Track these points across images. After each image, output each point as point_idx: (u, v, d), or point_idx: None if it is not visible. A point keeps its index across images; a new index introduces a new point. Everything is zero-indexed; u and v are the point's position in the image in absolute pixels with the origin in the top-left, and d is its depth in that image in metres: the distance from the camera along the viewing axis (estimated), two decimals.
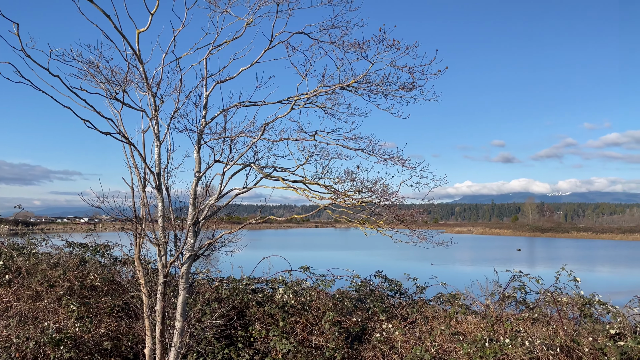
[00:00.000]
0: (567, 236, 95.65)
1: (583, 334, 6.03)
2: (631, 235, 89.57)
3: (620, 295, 6.94)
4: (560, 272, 7.54)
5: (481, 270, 7.89)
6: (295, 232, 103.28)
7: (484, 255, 46.22)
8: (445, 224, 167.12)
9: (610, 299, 7.01)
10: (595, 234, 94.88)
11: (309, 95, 5.23)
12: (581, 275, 23.89)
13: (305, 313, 7.56)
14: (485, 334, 6.59)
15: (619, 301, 7.00)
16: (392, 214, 5.83)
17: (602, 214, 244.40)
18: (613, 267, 37.89)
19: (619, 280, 29.27)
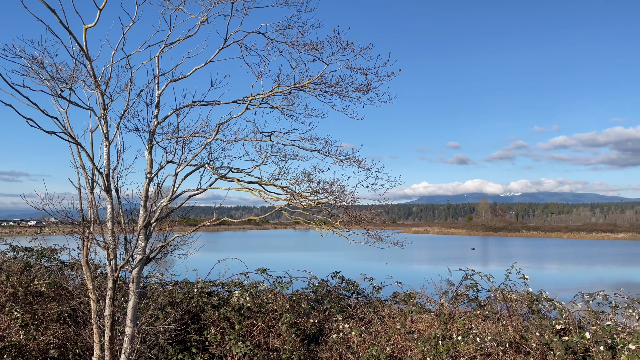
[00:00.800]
0: (519, 235, 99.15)
1: (531, 329, 6.23)
2: (577, 234, 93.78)
3: (566, 292, 7.22)
4: (510, 270, 7.76)
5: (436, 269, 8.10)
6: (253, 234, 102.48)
7: (440, 255, 47.27)
8: (403, 224, 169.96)
9: (557, 296, 7.27)
10: (544, 233, 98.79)
11: (264, 96, 5.18)
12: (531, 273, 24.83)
13: (262, 315, 7.49)
14: (438, 331, 6.72)
15: (565, 297, 7.26)
16: (348, 215, 5.85)
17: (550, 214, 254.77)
18: (561, 264, 39.53)
19: (566, 277, 30.56)
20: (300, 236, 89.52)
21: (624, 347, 5.09)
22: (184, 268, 8.49)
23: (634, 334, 5.20)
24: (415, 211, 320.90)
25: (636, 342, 4.97)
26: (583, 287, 7.50)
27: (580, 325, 6.34)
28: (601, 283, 27.61)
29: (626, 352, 4.99)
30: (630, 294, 6.66)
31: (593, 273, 33.25)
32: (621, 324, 5.95)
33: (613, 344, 5.31)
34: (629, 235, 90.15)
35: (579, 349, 5.35)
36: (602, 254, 51.96)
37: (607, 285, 26.30)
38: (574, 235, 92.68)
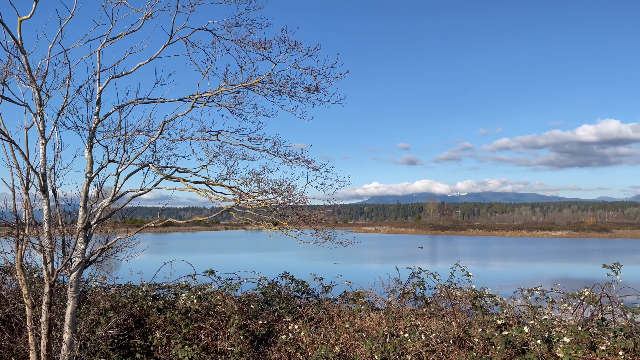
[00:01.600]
0: (464, 234, 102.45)
1: (474, 325, 6.43)
2: (519, 232, 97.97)
3: (508, 288, 7.50)
4: (455, 268, 7.97)
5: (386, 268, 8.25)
6: (203, 235, 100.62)
7: (390, 254, 48.13)
8: (355, 224, 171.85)
9: (498, 292, 7.53)
10: (488, 231, 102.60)
11: (211, 94, 5.08)
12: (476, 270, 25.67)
13: (210, 318, 7.36)
14: (386, 329, 6.82)
15: (507, 293, 7.53)
16: (297, 215, 5.84)
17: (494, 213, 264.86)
18: (503, 261, 41.14)
19: (508, 274, 31.82)
20: (251, 237, 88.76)
21: (560, 340, 5.34)
22: (128, 271, 8.22)
23: (569, 328, 5.46)
24: (367, 211, 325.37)
25: (570, 335, 5.23)
26: (524, 283, 7.82)
27: (519, 320, 6.59)
28: (540, 279, 28.95)
29: (561, 345, 5.23)
30: (565, 289, 6.99)
31: (533, 269, 34.80)
32: (557, 318, 6.24)
33: (549, 337, 5.56)
34: (566, 233, 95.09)
35: (518, 342, 5.56)
36: (542, 251, 54.50)
37: (546, 280, 27.61)
38: (516, 234, 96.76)
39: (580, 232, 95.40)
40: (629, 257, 45.75)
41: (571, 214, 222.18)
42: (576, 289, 6.66)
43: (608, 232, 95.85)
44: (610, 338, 5.32)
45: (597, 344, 5.26)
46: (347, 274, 9.06)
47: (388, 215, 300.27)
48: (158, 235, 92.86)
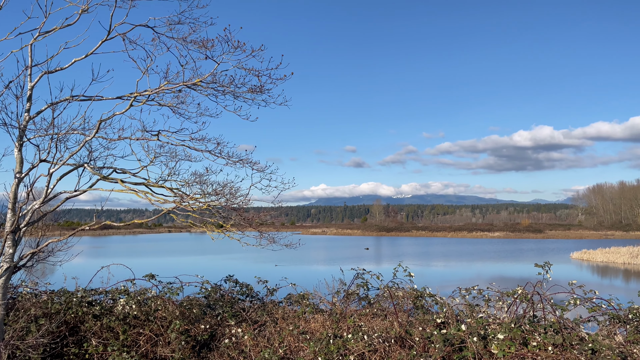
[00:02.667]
0: (409, 235, 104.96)
1: (415, 324, 6.58)
2: (460, 233, 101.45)
3: (449, 287, 7.73)
4: (398, 268, 8.13)
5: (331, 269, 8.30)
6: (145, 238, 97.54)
7: (336, 255, 48.54)
8: (302, 226, 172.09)
9: (439, 291, 7.75)
10: (431, 233, 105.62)
11: (151, 92, 4.93)
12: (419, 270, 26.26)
13: (150, 324, 7.14)
14: (330, 331, 6.86)
15: (447, 292, 7.76)
16: (241, 217, 5.77)
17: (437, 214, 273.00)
18: (445, 261, 42.46)
19: (449, 274, 32.87)
20: (195, 240, 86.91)
21: (494, 337, 5.56)
22: (63, 276, 7.83)
23: (503, 325, 5.70)
24: (314, 213, 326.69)
25: (504, 332, 5.46)
26: (464, 283, 8.08)
27: (458, 318, 6.80)
28: (479, 278, 30.10)
29: (496, 341, 5.45)
30: (500, 288, 7.29)
31: (473, 269, 36.14)
32: (492, 316, 6.49)
33: (485, 334, 5.78)
34: (503, 234, 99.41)
35: (456, 340, 5.75)
36: (481, 251, 56.70)
37: (484, 280, 28.74)
38: (457, 234, 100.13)
39: (516, 233, 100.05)
40: (560, 256, 48.43)
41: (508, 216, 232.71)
42: (511, 287, 6.95)
43: (541, 232, 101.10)
44: (541, 334, 5.59)
45: (529, 340, 5.52)
46: (293, 276, 9.05)
47: (335, 217, 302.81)
48: (96, 238, 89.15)
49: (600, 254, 44.55)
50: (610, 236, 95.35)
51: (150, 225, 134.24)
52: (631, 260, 40.23)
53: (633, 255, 42.02)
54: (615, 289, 26.03)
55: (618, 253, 44.13)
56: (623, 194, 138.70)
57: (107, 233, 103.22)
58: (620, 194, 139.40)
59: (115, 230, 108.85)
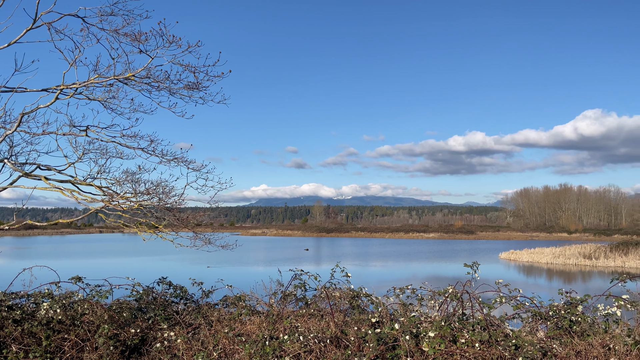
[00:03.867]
0: (348, 235, 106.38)
1: (350, 324, 6.66)
2: (397, 234, 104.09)
3: (387, 287, 7.88)
4: (335, 269, 8.21)
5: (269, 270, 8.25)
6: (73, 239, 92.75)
7: (275, 256, 48.35)
8: (241, 227, 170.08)
9: (374, 291, 7.89)
10: (370, 233, 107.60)
11: (79, 85, 4.68)
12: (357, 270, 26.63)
13: (76, 328, 6.79)
14: (266, 332, 6.81)
15: (384, 292, 7.92)
16: (175, 218, 5.61)
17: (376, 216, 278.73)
18: (383, 262, 43.39)
19: (387, 273, 33.62)
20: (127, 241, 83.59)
21: (426, 335, 5.73)
22: None
23: (434, 323, 5.88)
24: (254, 213, 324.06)
25: (435, 330, 5.63)
26: (400, 282, 8.26)
27: (392, 317, 6.96)
28: (415, 277, 30.99)
29: (427, 339, 5.62)
30: (433, 287, 7.52)
31: (409, 269, 37.16)
32: (424, 314, 6.69)
33: (417, 332, 5.94)
34: (437, 234, 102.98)
35: (390, 339, 5.87)
36: (417, 251, 58.43)
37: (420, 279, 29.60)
38: (394, 235, 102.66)
39: (450, 234, 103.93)
40: (490, 256, 50.79)
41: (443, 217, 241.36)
42: (443, 286, 7.19)
43: (473, 234, 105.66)
44: (469, 331, 5.82)
45: (458, 337, 5.73)
46: (230, 277, 8.91)
47: (276, 217, 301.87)
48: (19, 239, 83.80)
49: (526, 254, 47.12)
50: (535, 237, 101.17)
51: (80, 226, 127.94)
52: (553, 260, 42.84)
53: (555, 255, 44.77)
54: (539, 287, 27.63)
55: (542, 253, 46.86)
56: (547, 197, 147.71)
57: (32, 233, 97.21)
58: (544, 198, 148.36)
59: (41, 230, 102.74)
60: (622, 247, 43.04)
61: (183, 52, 4.31)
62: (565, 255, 44.21)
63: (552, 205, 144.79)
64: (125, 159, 5.60)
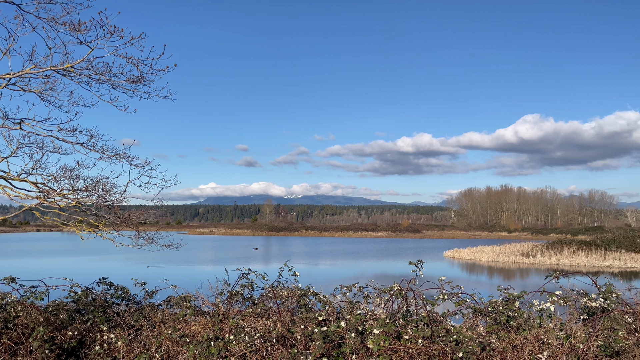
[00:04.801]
0: (298, 234, 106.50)
1: (297, 323, 6.66)
2: (346, 233, 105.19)
3: (335, 285, 7.92)
4: (283, 267, 8.19)
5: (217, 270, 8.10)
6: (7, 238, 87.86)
7: (224, 255, 47.70)
8: (189, 226, 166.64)
9: (322, 290, 7.93)
10: (319, 232, 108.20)
11: (12, 76, 4.42)
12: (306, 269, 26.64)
13: (9, 332, 6.43)
14: (211, 333, 6.70)
15: (332, 290, 7.96)
16: (116, 216, 5.41)
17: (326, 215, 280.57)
18: (332, 260, 43.71)
19: (336, 272, 33.89)
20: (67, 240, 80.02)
21: (371, 332, 5.81)
22: None
23: (379, 320, 5.98)
24: (202, 212, 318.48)
25: (379, 327, 5.73)
26: (349, 280, 8.33)
27: (339, 315, 7.02)
28: (363, 275, 31.42)
29: (372, 336, 5.70)
30: (380, 285, 7.64)
31: (358, 267, 37.64)
32: (370, 312, 6.79)
33: (363, 330, 6.02)
34: (386, 233, 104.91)
35: (336, 337, 5.91)
36: (365, 250, 59.27)
37: (368, 277, 30.06)
38: (343, 234, 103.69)
39: (397, 233, 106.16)
40: (435, 254, 52.25)
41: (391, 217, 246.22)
42: (390, 284, 7.31)
43: (419, 232, 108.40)
44: (413, 328, 5.96)
45: (402, 334, 5.85)
46: (175, 277, 8.71)
47: (225, 216, 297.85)
48: None
49: (469, 253, 48.82)
50: (477, 236, 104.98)
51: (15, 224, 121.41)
52: (494, 258, 44.61)
53: (496, 253, 46.65)
54: (481, 284, 28.70)
55: (483, 251, 48.70)
56: (489, 198, 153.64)
57: None
58: (487, 198, 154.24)
59: None
60: (557, 246, 45.40)
61: (125, 43, 4.16)
62: (505, 253, 46.14)
63: (493, 205, 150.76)
64: (63, 154, 5.35)
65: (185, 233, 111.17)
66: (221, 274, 8.29)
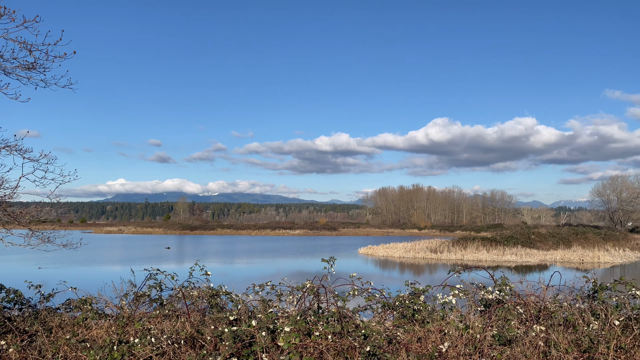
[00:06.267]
0: (214, 233, 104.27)
1: (208, 323, 6.51)
2: (264, 231, 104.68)
3: (251, 284, 7.82)
4: (194, 267, 7.97)
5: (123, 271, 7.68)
6: None
7: (133, 255, 45.55)
8: (95, 224, 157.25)
9: (234, 289, 7.81)
10: (236, 231, 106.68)
11: None
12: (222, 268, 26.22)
13: None
14: (115, 336, 6.37)
15: (247, 289, 7.85)
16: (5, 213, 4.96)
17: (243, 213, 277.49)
18: (249, 259, 43.28)
19: (253, 270, 33.59)
20: None
21: (282, 330, 5.81)
22: None
23: (290, 318, 6.00)
24: (110, 210, 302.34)
25: (290, 325, 5.74)
26: (266, 279, 8.26)
27: (252, 314, 6.95)
28: (281, 273, 31.41)
29: (283, 334, 5.70)
30: (293, 282, 7.67)
31: (275, 265, 37.57)
32: (282, 310, 6.79)
33: (274, 328, 6.00)
34: (303, 231, 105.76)
35: (246, 336, 5.85)
36: (283, 248, 59.33)
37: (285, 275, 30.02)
38: (261, 232, 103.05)
39: (315, 231, 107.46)
40: (350, 251, 53.49)
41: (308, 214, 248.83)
42: (304, 282, 7.36)
43: (336, 230, 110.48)
44: (324, 324, 6.04)
45: (313, 330, 5.91)
46: (76, 279, 8.19)
47: (135, 214, 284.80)
48: None
49: (382, 249, 50.53)
50: (390, 233, 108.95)
51: None
52: (405, 254, 46.54)
53: (407, 250, 48.67)
54: (392, 280, 29.79)
55: (395, 248, 50.62)
56: (402, 196, 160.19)
57: None
58: (400, 197, 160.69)
59: None
60: (462, 242, 48.26)
61: (17, 26, 3.80)
62: (415, 249, 48.28)
63: (406, 203, 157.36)
64: None
65: (90, 232, 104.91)
66: (127, 275, 7.90)
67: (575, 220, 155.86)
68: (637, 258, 45.19)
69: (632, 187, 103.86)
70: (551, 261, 41.39)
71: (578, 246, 47.99)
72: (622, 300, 6.60)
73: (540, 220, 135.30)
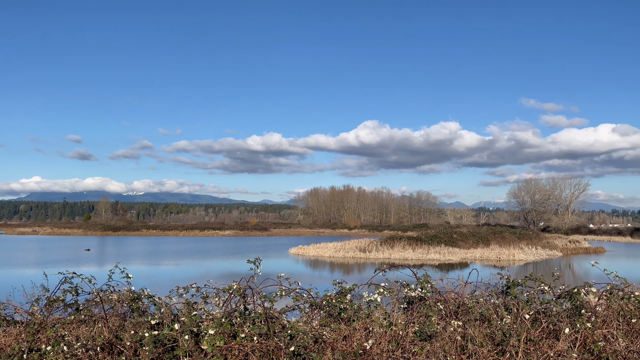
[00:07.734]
0: (138, 234, 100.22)
1: (128, 328, 6.24)
2: (192, 232, 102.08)
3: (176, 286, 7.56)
4: (114, 270, 7.62)
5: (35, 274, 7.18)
6: None
7: (48, 258, 42.79)
8: (6, 224, 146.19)
9: (157, 292, 7.54)
10: (162, 232, 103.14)
11: None
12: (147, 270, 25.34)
13: None
14: (25, 344, 5.94)
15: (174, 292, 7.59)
16: None
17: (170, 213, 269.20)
18: (176, 260, 42.00)
19: (180, 272, 32.62)
20: None
21: (207, 333, 5.68)
22: None
23: (215, 320, 5.87)
24: (24, 209, 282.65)
25: (215, 327, 5.62)
26: (194, 280, 8.03)
27: (175, 318, 6.73)
28: (209, 275, 30.76)
29: (207, 337, 5.57)
30: (220, 284, 7.52)
31: (203, 267, 36.72)
32: (207, 312, 6.64)
33: (199, 331, 5.85)
34: (233, 232, 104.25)
35: (168, 340, 5.66)
36: (212, 248, 58.16)
37: (214, 276, 29.49)
38: (189, 233, 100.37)
39: (245, 231, 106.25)
40: (281, 251, 53.43)
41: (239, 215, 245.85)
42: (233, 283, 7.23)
43: (267, 230, 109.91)
44: (250, 326, 5.96)
45: (239, 332, 5.82)
46: None
47: (52, 214, 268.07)
48: None
49: (313, 249, 50.90)
50: (321, 233, 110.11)
51: None
52: (335, 254, 47.17)
53: (337, 249, 49.35)
54: (322, 279, 30.10)
55: (326, 248, 51.16)
56: (333, 197, 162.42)
57: None
58: (331, 197, 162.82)
59: None
60: (389, 242, 49.63)
61: None
62: (345, 249, 49.06)
63: (336, 204, 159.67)
64: None
65: (1, 233, 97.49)
66: (40, 279, 7.40)
67: (494, 220, 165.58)
68: (547, 255, 48.71)
69: (544, 189, 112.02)
70: (471, 259, 43.61)
71: (496, 245, 50.88)
72: (532, 296, 7.05)
73: (462, 220, 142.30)
